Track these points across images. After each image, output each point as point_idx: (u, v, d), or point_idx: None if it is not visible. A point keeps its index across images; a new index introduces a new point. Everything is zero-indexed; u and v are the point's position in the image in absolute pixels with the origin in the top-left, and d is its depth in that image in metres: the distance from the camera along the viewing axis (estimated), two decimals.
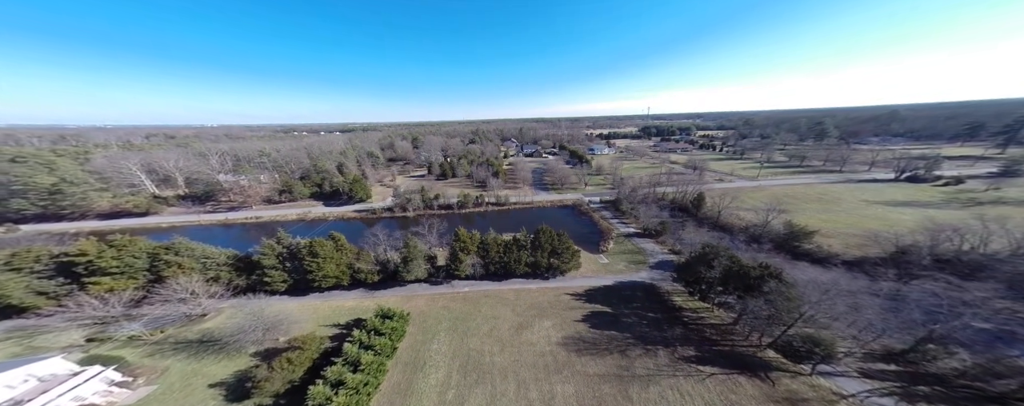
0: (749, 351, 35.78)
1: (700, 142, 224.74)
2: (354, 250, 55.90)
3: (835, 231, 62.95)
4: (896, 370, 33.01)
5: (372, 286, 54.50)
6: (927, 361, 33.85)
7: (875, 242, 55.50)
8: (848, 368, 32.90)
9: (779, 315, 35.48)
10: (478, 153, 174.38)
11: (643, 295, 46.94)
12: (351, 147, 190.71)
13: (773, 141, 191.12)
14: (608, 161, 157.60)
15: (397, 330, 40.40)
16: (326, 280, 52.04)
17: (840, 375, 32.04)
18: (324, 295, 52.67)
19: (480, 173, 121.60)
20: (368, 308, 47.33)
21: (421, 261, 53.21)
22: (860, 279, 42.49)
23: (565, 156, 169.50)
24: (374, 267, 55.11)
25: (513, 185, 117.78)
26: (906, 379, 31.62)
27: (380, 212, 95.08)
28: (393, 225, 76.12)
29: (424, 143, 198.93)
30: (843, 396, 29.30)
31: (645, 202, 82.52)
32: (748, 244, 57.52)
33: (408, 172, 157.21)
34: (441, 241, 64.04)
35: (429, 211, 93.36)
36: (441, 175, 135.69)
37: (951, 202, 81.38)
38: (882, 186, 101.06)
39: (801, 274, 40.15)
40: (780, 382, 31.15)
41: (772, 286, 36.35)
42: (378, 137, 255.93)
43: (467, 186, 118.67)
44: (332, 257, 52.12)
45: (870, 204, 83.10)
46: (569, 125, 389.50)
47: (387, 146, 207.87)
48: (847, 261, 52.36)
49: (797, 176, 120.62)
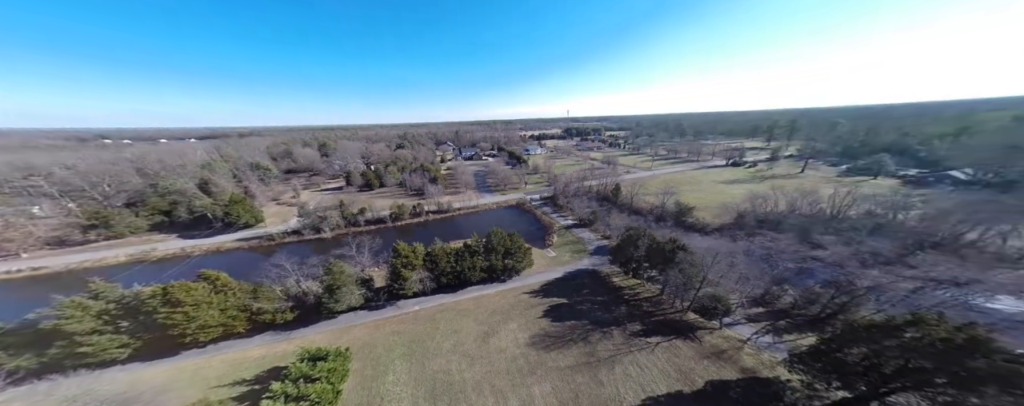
0: (677, 316, 41.51)
1: (609, 141, 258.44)
2: (247, 288, 42.97)
3: (703, 206, 78.92)
4: (763, 311, 43.42)
5: (286, 326, 42.92)
6: (775, 300, 45.76)
7: (726, 211, 71.79)
8: (740, 318, 41.27)
9: (690, 281, 42.16)
10: (410, 159, 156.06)
11: (590, 281, 49.75)
12: (220, 158, 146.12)
13: (656, 139, 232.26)
14: (542, 160, 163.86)
15: (337, 371, 32.40)
16: (206, 331, 38.65)
17: (738, 324, 39.81)
18: (207, 350, 39.18)
19: (415, 180, 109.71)
20: (286, 353, 37.08)
21: (353, 287, 44.19)
22: (726, 242, 54.57)
23: (504, 158, 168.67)
24: (284, 304, 43.49)
25: (455, 190, 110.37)
26: (770, 318, 41.80)
27: (282, 237, 74.90)
28: (305, 250, 62.61)
29: (337, 150, 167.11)
30: (743, 341, 36.43)
31: (577, 195, 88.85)
32: (656, 222, 68.04)
33: (317, 185, 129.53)
34: (376, 260, 55.24)
35: (355, 229, 78.63)
36: (365, 185, 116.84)
37: (755, 178, 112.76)
38: (720, 170, 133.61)
39: (694, 243, 48.80)
40: (704, 339, 36.87)
41: (681, 257, 43.02)
42: (265, 144, 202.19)
43: (400, 195, 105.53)
44: (209, 301, 38.73)
45: (716, 183, 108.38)
46: (503, 128, 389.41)
47: (282, 155, 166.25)
48: (715, 228, 66.73)
49: (674, 165, 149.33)
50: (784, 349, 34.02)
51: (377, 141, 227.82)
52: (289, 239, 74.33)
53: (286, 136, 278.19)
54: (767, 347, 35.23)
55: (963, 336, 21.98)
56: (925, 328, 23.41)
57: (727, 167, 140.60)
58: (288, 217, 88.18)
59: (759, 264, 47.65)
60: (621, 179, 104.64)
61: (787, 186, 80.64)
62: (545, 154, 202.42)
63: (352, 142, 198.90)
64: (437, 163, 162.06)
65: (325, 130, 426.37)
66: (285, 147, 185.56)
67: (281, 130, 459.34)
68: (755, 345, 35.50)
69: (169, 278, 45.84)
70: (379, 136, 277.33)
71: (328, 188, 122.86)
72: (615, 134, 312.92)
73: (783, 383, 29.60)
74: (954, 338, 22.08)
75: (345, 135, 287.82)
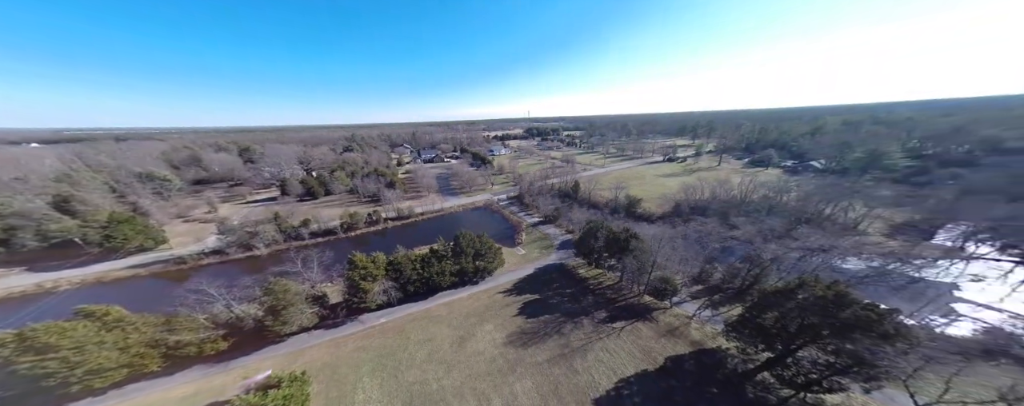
0: (635, 300, 45.49)
1: (567, 140, 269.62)
2: (155, 320, 35.75)
3: (648, 197, 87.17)
4: (701, 288, 50.10)
5: (220, 357, 36.59)
6: (709, 277, 53.20)
7: (666, 201, 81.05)
8: (685, 296, 46.72)
9: (643, 266, 46.62)
10: (361, 163, 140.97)
11: (558, 275, 51.58)
12: (86, 167, 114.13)
13: (607, 138, 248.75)
14: (507, 161, 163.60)
15: (294, 397, 28.83)
16: (102, 377, 31.57)
17: (685, 302, 45.00)
18: (107, 398, 32.10)
19: (369, 186, 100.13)
20: (226, 385, 31.58)
21: (302, 305, 39.31)
22: (668, 228, 61.50)
23: (468, 159, 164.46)
24: (213, 332, 36.77)
25: (417, 195, 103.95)
26: (707, 293, 48.32)
27: (197, 259, 62.48)
28: (232, 272, 54.63)
29: (264, 155, 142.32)
30: (689, 317, 41.39)
31: (541, 193, 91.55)
32: (611, 215, 73.43)
33: (242, 196, 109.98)
34: (329, 275, 49.90)
35: (298, 243, 69.16)
36: (306, 194, 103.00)
37: (686, 171, 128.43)
38: (659, 165, 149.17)
39: (643, 231, 53.89)
40: (659, 319, 41.08)
41: (635, 244, 47.26)
42: (161, 150, 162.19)
43: (353, 203, 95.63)
44: (99, 341, 31.53)
45: (657, 177, 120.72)
46: (466, 128, 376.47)
47: (187, 162, 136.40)
48: (659, 217, 74.77)
49: (622, 162, 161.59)
50: (721, 320, 39.87)
51: (318, 144, 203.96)
52: (208, 261, 62.60)
53: (191, 139, 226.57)
54: (708, 320, 40.81)
55: (833, 293, 26.73)
56: (809, 289, 28.08)
57: (664, 162, 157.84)
58: (204, 235, 74.27)
59: (694, 246, 54.80)
60: (579, 176, 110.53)
61: (709, 177, 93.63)
62: (509, 154, 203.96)
63: (285, 146, 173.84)
64: (393, 167, 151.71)
65: (243, 132, 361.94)
66: (190, 152, 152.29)
67: (182, 133, 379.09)
68: (699, 320, 40.81)
69: (26, 320, 35.38)
70: (319, 139, 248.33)
71: (258, 200, 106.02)
72: (572, 134, 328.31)
73: (724, 351, 34.72)
74: (827, 295, 26.71)
75: (273, 137, 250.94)
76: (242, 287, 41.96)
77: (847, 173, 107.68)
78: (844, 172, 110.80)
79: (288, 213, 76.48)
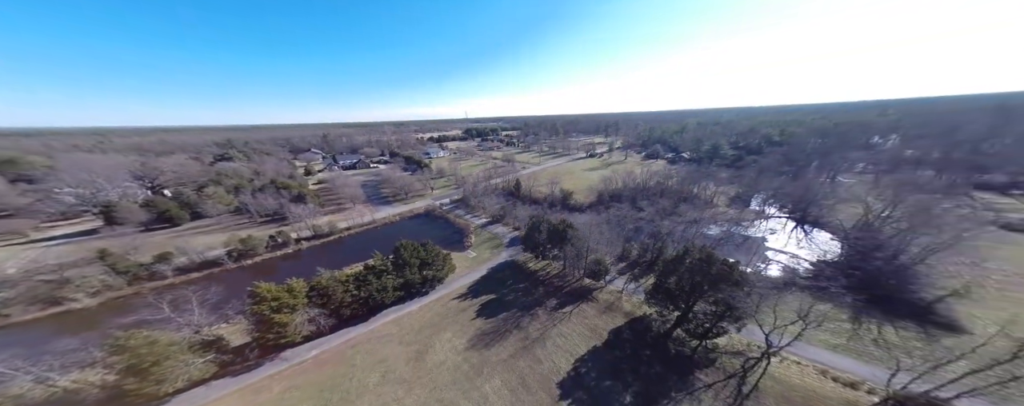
0: (577, 284, 50.15)
1: (506, 140, 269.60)
2: None
3: (578, 190, 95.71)
4: (624, 265, 58.54)
5: None
6: (628, 255, 62.55)
7: (591, 192, 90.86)
8: (614, 274, 53.75)
9: (580, 252, 51.79)
10: (248, 174, 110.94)
11: (510, 272, 52.28)
12: None
13: (540, 137, 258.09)
14: (446, 163, 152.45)
15: None
16: None
17: (615, 279, 51.55)
18: None
19: (266, 202, 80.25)
20: None
21: (186, 356, 30.31)
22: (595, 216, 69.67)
23: (401, 163, 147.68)
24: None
25: (338, 207, 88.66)
26: (629, 269, 56.90)
27: None
28: (33, 338, 38.36)
29: (57, 170, 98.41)
30: (619, 292, 48.03)
31: (486, 194, 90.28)
32: (550, 208, 78.00)
33: (22, 234, 72.84)
34: (220, 315, 39.60)
35: (156, 283, 52.22)
36: (159, 220, 76.77)
37: (603, 166, 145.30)
38: (583, 161, 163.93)
39: (577, 220, 59.65)
40: (598, 298, 46.50)
41: (571, 234, 52.03)
42: None
43: (243, 226, 75.80)
44: None
45: (583, 172, 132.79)
46: (394, 130, 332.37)
47: None
48: (587, 206, 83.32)
49: (554, 160, 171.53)
50: (642, 291, 47.59)
51: (168, 152, 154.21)
52: None
53: None
54: (634, 292, 48.30)
55: (705, 254, 35.25)
56: (692, 255, 36.22)
57: (587, 158, 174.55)
58: None
59: (615, 229, 63.51)
60: (520, 174, 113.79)
61: (620, 169, 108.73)
62: (449, 156, 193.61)
63: (103, 156, 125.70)
64: (300, 176, 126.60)
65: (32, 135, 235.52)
66: None
67: None
68: (627, 293, 47.96)
69: None
70: (169, 144, 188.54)
71: (59, 235, 74.19)
72: (510, 133, 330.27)
73: (649, 317, 41.85)
74: (702, 257, 34.90)
75: (78, 143, 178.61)
76: (61, 353, 30.53)
77: (702, 162, 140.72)
78: (700, 161, 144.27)
79: (128, 248, 56.55)
